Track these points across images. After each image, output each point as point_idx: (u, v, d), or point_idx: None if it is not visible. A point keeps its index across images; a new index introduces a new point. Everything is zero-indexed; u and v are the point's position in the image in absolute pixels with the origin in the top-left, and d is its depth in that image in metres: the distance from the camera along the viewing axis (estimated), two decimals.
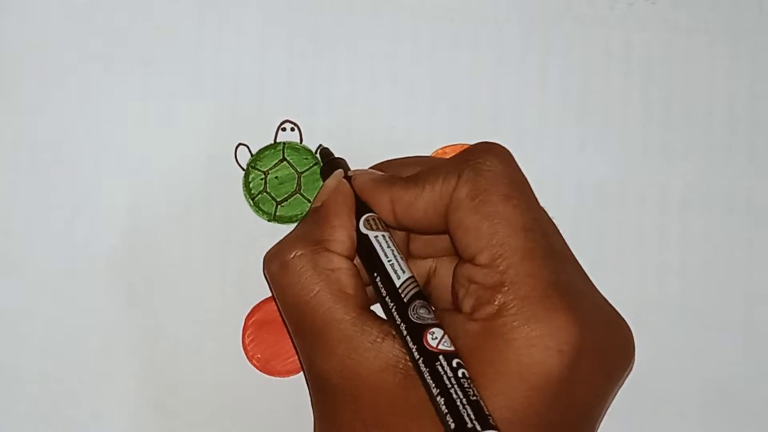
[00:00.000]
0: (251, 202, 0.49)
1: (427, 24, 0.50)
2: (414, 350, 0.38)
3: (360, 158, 0.49)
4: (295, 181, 0.49)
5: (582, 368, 0.37)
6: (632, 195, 0.49)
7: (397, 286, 0.40)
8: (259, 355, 0.48)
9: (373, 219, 0.41)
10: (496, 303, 0.37)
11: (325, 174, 0.45)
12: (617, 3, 0.50)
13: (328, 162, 0.46)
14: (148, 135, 0.49)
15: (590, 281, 0.41)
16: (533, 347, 0.36)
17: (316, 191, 0.49)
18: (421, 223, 0.41)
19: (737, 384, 0.49)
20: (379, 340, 0.39)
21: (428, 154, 0.49)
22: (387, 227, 0.42)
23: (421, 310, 0.39)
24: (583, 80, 0.50)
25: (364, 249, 0.41)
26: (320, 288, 0.40)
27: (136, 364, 0.48)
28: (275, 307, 0.48)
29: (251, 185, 0.49)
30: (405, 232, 0.43)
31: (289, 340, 0.48)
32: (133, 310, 0.49)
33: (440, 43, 0.50)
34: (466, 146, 0.49)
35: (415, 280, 0.40)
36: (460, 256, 0.40)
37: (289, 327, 0.42)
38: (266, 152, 0.49)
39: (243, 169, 0.49)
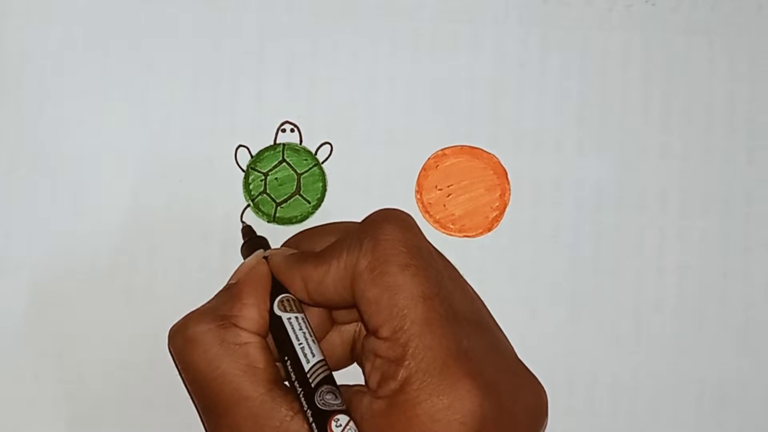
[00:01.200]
0: (251, 203, 0.49)
1: (426, 26, 0.50)
2: None
3: (359, 160, 0.49)
4: (295, 183, 0.49)
5: None
6: (631, 197, 0.49)
7: (306, 370, 0.39)
8: None
9: (287, 300, 0.41)
10: (398, 378, 0.37)
11: (245, 252, 0.45)
12: (615, 4, 0.50)
13: (249, 240, 0.46)
14: (148, 136, 0.49)
15: (501, 342, 0.41)
16: (437, 422, 0.36)
17: (316, 193, 0.49)
18: (333, 300, 0.40)
19: (734, 386, 0.49)
20: (288, 418, 0.38)
21: (427, 155, 0.49)
22: (302, 307, 0.42)
23: (328, 396, 0.38)
24: (581, 82, 0.50)
25: (277, 330, 0.41)
26: (227, 363, 0.39)
27: (136, 363, 0.48)
28: None
29: (251, 186, 0.49)
30: (321, 308, 0.43)
31: None
32: (132, 310, 0.49)
33: (439, 44, 0.50)
34: (465, 148, 0.49)
35: (325, 364, 0.40)
36: (366, 330, 0.39)
37: (196, 403, 0.41)
38: (266, 153, 0.49)
39: (243, 170, 0.49)
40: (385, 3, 0.50)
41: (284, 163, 0.49)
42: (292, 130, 0.49)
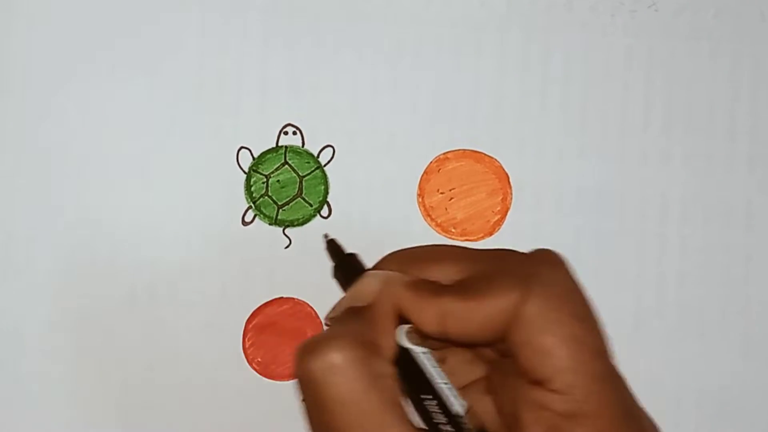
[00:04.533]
0: (253, 205, 0.49)
1: (430, 31, 0.50)
2: None
3: (361, 163, 0.49)
4: (297, 185, 0.49)
5: None
6: (631, 203, 0.49)
7: (460, 414, 0.36)
8: (259, 359, 0.49)
9: (414, 331, 0.38)
10: None
11: (344, 270, 0.40)
12: (619, 11, 0.50)
13: (346, 258, 0.40)
14: (151, 138, 0.49)
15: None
16: None
17: (318, 195, 0.49)
18: (473, 337, 0.37)
19: (734, 394, 0.49)
20: None
21: (429, 159, 0.49)
22: (424, 340, 0.38)
23: None
24: (583, 87, 0.50)
25: (405, 363, 0.37)
26: (377, 397, 0.36)
27: (137, 366, 0.48)
28: (275, 311, 0.48)
29: (253, 189, 0.49)
30: (444, 343, 0.39)
31: (289, 344, 0.49)
32: (134, 313, 0.49)
33: (442, 49, 0.50)
34: (467, 152, 0.49)
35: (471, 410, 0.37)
36: (525, 377, 0.37)
37: None
38: (268, 156, 0.49)
39: (245, 172, 0.49)
40: (388, 8, 0.50)
41: (286, 166, 0.49)
42: (294, 133, 0.49)
